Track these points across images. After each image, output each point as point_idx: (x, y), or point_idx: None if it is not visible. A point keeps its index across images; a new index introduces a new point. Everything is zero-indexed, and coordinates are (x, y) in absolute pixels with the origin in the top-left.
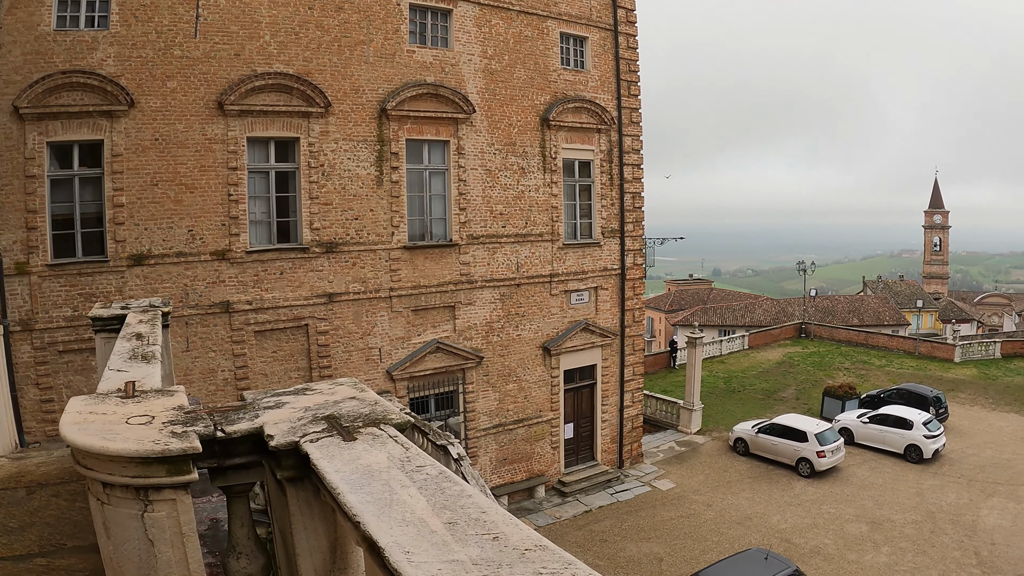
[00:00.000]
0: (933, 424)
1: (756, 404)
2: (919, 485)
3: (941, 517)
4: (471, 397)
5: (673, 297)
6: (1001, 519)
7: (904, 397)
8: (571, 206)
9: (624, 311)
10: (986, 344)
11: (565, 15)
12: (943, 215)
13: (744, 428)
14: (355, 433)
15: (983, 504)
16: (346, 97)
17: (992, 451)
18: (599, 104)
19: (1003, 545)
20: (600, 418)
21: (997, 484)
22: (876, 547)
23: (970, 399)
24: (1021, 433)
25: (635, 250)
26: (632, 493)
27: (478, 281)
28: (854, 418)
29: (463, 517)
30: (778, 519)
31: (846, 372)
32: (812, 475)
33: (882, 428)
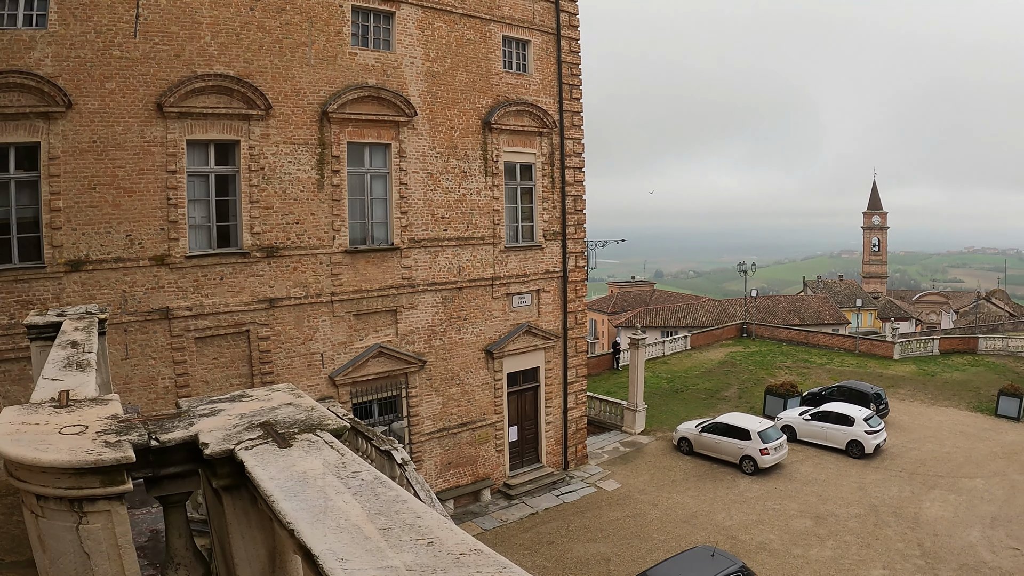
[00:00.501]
0: (874, 420)
1: (699, 404)
2: (861, 480)
3: (884, 510)
4: (415, 401)
5: (616, 299)
6: (943, 510)
7: (845, 394)
8: (513, 209)
9: (566, 313)
10: (925, 341)
11: (508, 18)
12: (881, 216)
13: (688, 427)
14: (291, 440)
15: (925, 496)
16: (287, 100)
17: (932, 445)
18: (541, 107)
19: (946, 536)
20: (544, 420)
21: (938, 477)
22: (821, 541)
23: (910, 395)
24: (960, 427)
25: (577, 252)
26: (578, 494)
27: (420, 285)
28: (796, 416)
29: (398, 522)
30: (723, 516)
31: (788, 371)
32: (756, 472)
33: (824, 425)
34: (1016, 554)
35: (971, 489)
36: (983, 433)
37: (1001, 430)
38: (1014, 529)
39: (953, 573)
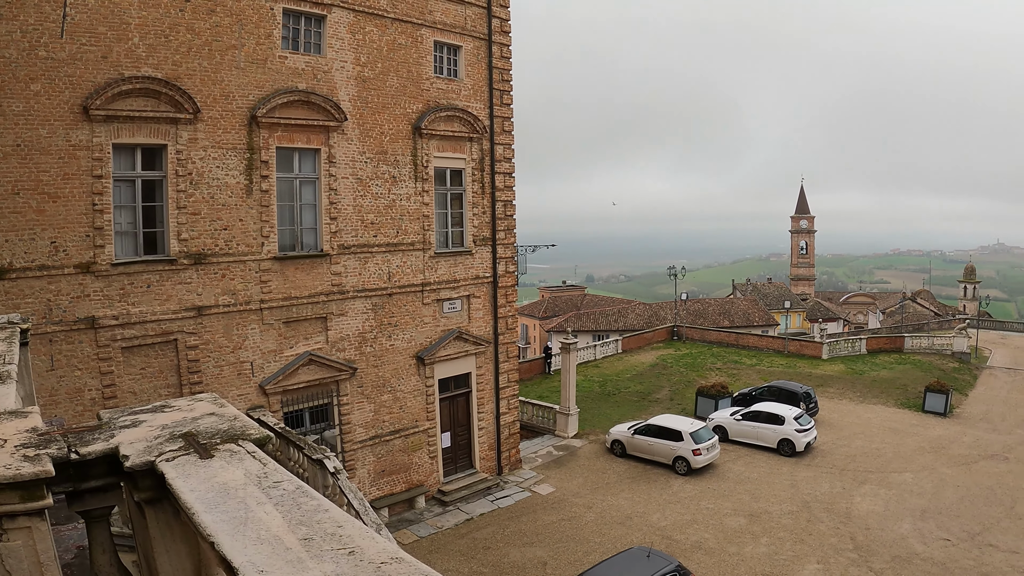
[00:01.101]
0: (804, 419)
1: (631, 406)
2: (793, 477)
3: (816, 506)
4: (346, 409)
5: (547, 304)
6: (874, 505)
7: (775, 394)
8: (443, 215)
9: (497, 319)
10: (852, 341)
11: (440, 23)
12: (809, 220)
13: (620, 430)
14: (212, 450)
15: (856, 492)
16: (216, 103)
17: (862, 441)
18: (471, 113)
19: (877, 529)
20: (477, 426)
21: (868, 472)
22: (755, 538)
23: (839, 393)
24: (889, 423)
25: (507, 258)
26: (513, 499)
27: (350, 291)
28: (727, 416)
29: (319, 532)
30: (658, 517)
31: (718, 372)
32: (689, 473)
33: (755, 424)
34: (947, 544)
35: (901, 483)
36: (911, 429)
37: (928, 425)
38: (944, 520)
39: (886, 565)
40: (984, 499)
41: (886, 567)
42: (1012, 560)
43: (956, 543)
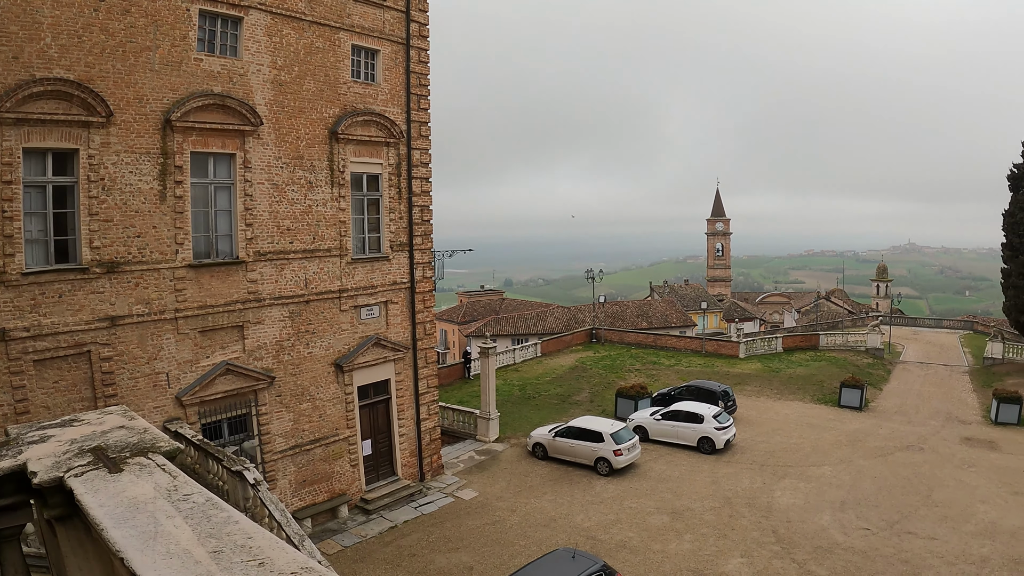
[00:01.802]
0: (723, 416)
1: (552, 409)
2: (714, 474)
3: (738, 502)
4: (265, 419)
5: (465, 308)
6: (794, 498)
7: (694, 393)
8: (359, 220)
9: (415, 324)
10: (768, 340)
11: (358, 27)
12: (724, 222)
13: (542, 433)
14: (122, 464)
15: (776, 486)
16: (129, 106)
17: (780, 437)
18: (389, 118)
19: (798, 522)
20: (398, 432)
21: (787, 467)
22: (679, 535)
23: (756, 391)
24: (806, 419)
25: (424, 263)
26: (436, 505)
27: (266, 299)
28: (647, 416)
29: (229, 544)
30: (582, 518)
31: (637, 373)
32: (611, 473)
33: (675, 424)
34: (867, 534)
35: (819, 476)
36: (828, 423)
37: (845, 419)
38: (863, 511)
39: (808, 556)
40: (901, 489)
41: (808, 558)
42: (931, 546)
43: (876, 532)
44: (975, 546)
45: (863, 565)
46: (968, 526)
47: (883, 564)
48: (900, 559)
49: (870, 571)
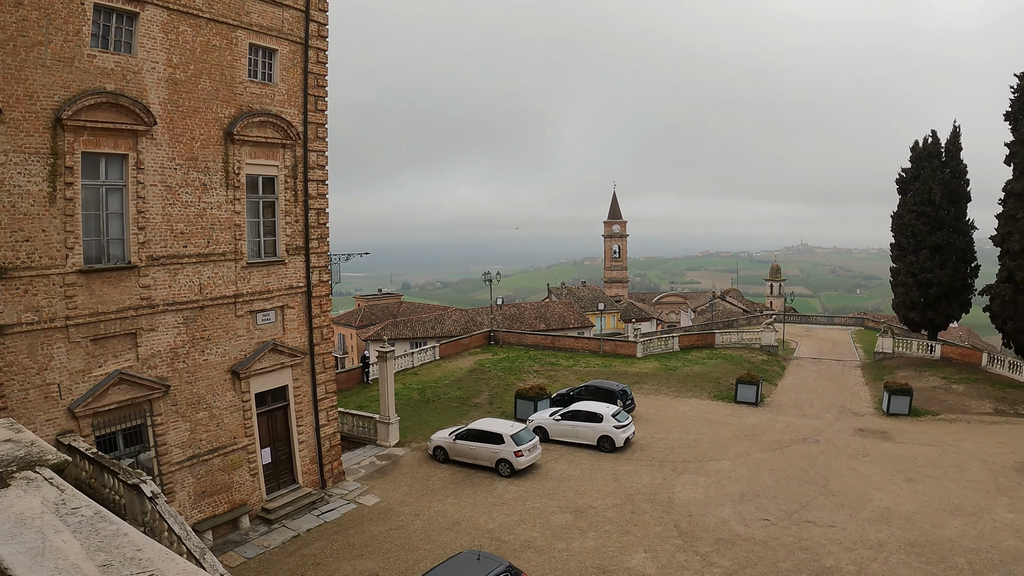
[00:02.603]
0: (622, 415)
1: (452, 412)
2: (615, 472)
3: (639, 498)
4: (161, 430)
5: (363, 312)
6: (694, 493)
7: (593, 393)
8: (255, 224)
9: (312, 329)
10: (666, 339)
11: (256, 26)
12: (621, 225)
13: (442, 436)
14: (8, 479)
15: (676, 481)
16: (19, 104)
17: (679, 434)
18: (285, 119)
19: (699, 515)
20: (297, 439)
21: (687, 462)
22: (583, 534)
23: (654, 389)
24: (704, 415)
25: (320, 267)
26: (339, 512)
27: (160, 305)
28: (547, 417)
29: (118, 557)
30: (486, 520)
31: (536, 374)
32: (513, 474)
33: (575, 423)
34: (767, 524)
35: (719, 471)
36: (725, 419)
37: (741, 415)
38: (762, 502)
39: (711, 548)
40: (799, 480)
41: (711, 550)
42: (829, 534)
43: (776, 522)
44: (872, 532)
45: (764, 554)
46: (864, 513)
47: (784, 553)
48: (800, 547)
49: (771, 560)
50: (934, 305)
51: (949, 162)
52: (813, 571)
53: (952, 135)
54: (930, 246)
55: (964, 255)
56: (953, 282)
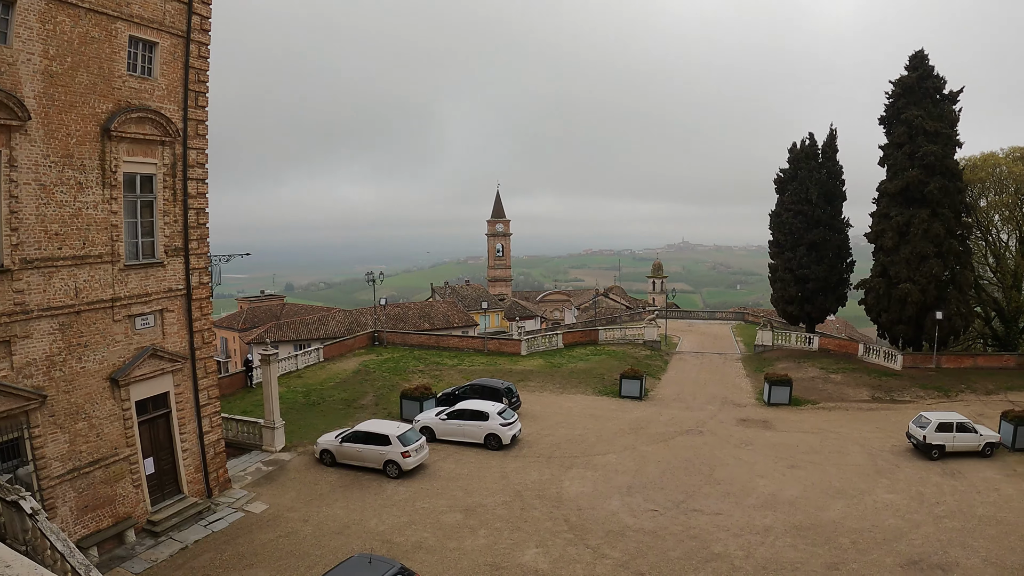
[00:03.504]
0: (507, 413)
1: (338, 414)
2: (503, 469)
3: (528, 495)
4: (39, 442)
5: (246, 315)
6: (582, 487)
7: (478, 391)
8: (133, 224)
9: (193, 333)
10: (550, 336)
11: (137, 17)
12: (505, 224)
13: (328, 439)
14: None
15: (564, 477)
16: None
17: (565, 430)
18: (165, 115)
19: (588, 509)
20: (180, 448)
21: (574, 457)
22: (474, 532)
23: (539, 386)
24: (589, 411)
25: (201, 268)
26: (226, 521)
27: (35, 310)
28: (433, 417)
29: None
30: (376, 522)
31: (421, 374)
32: (401, 475)
33: (461, 423)
34: (655, 514)
35: (605, 464)
36: (610, 414)
37: (626, 409)
38: (649, 494)
39: (601, 540)
40: (684, 470)
41: (602, 542)
42: (717, 521)
43: (663, 512)
44: (758, 517)
45: (654, 544)
46: (750, 500)
47: (673, 542)
48: (689, 535)
49: (661, 549)
50: (811, 299)
51: (826, 163)
52: (702, 558)
53: (829, 137)
54: (807, 243)
55: (840, 251)
56: (829, 277)
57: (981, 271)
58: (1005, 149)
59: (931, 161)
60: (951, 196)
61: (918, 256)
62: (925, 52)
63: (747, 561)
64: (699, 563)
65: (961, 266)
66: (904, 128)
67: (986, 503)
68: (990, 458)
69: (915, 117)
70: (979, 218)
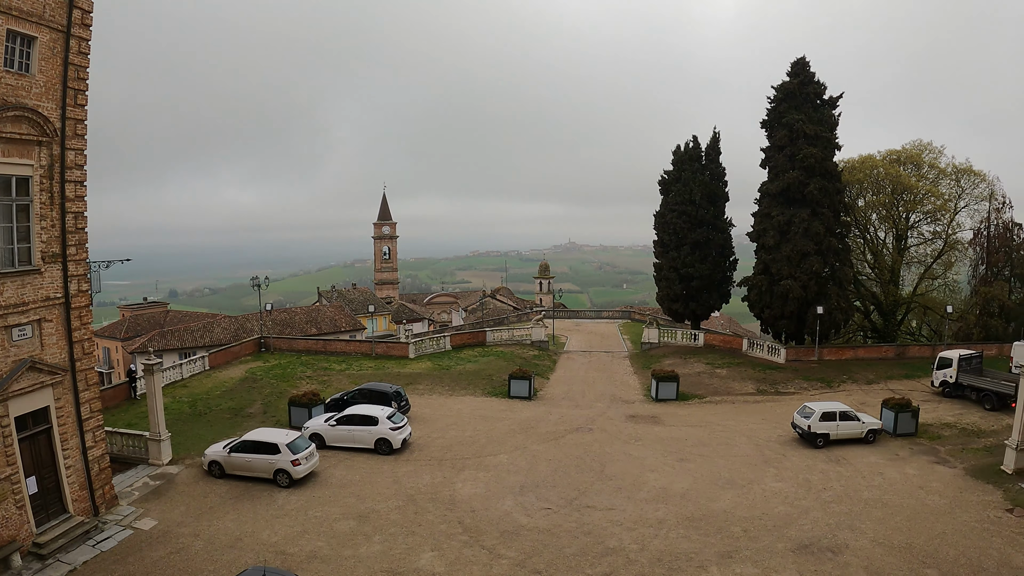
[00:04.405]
0: (397, 417)
1: (225, 424)
2: (395, 474)
3: (421, 498)
4: None
5: (128, 323)
6: (475, 488)
7: (367, 396)
8: (8, 229)
9: (73, 343)
10: (437, 339)
11: (16, 10)
12: (391, 226)
13: (217, 450)
14: None
15: (456, 479)
16: None
17: (455, 432)
18: (42, 114)
19: (482, 510)
20: (64, 465)
21: (465, 459)
22: (368, 539)
23: (428, 389)
24: (479, 412)
25: (79, 275)
26: (115, 540)
27: None
28: (323, 423)
29: None
30: (268, 533)
31: (309, 380)
32: (292, 484)
33: (350, 428)
34: (549, 512)
35: (497, 465)
36: (500, 414)
37: (516, 409)
38: (542, 492)
39: (496, 541)
40: (576, 468)
41: (497, 543)
42: (610, 516)
43: (557, 510)
44: (650, 511)
45: (549, 542)
46: (641, 494)
47: (568, 539)
48: (583, 531)
49: (556, 547)
50: (696, 296)
51: (709, 165)
52: (598, 553)
53: (712, 140)
54: (691, 242)
55: (723, 250)
56: (713, 275)
57: (860, 267)
58: (882, 152)
59: (811, 163)
60: (830, 196)
61: (799, 254)
62: (806, 59)
63: (642, 554)
64: (595, 558)
65: (840, 263)
66: (785, 131)
67: (871, 487)
68: (873, 444)
69: (796, 121)
70: (857, 217)
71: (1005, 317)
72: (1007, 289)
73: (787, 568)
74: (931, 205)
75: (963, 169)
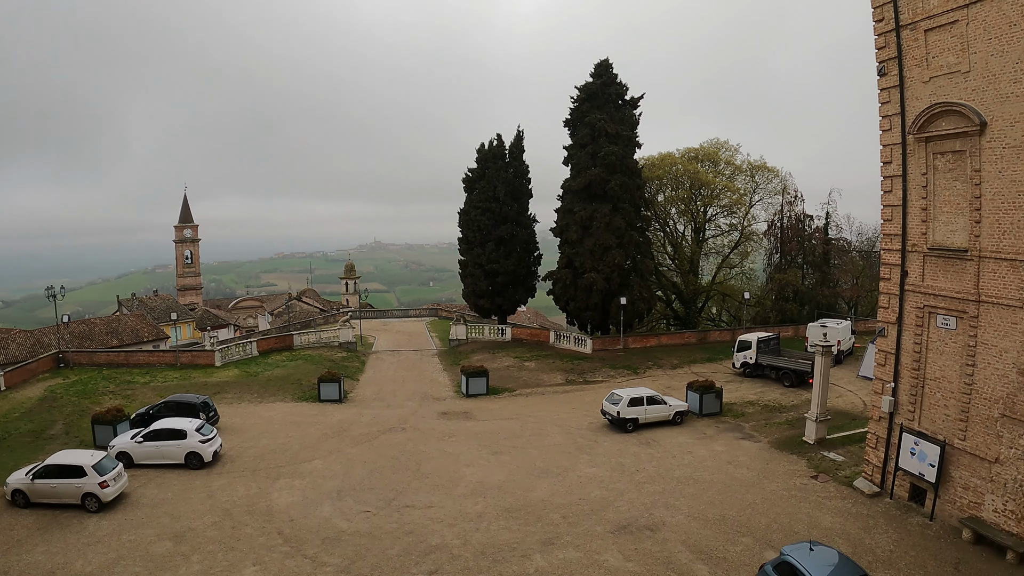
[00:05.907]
0: (206, 428)
1: (27, 448)
2: (209, 488)
3: (237, 512)
4: None
5: None
6: (292, 496)
7: (173, 409)
8: None
9: None
10: (244, 345)
11: None
12: (193, 229)
13: (19, 478)
14: None
15: (272, 488)
16: None
17: (268, 440)
18: None
19: (301, 518)
20: None
21: (279, 467)
22: (187, 559)
23: (237, 397)
24: (290, 418)
25: None
26: None
27: None
28: (129, 440)
29: None
30: (82, 564)
31: (112, 395)
32: (102, 508)
33: (158, 444)
34: (368, 515)
35: (312, 471)
36: (312, 419)
37: (327, 413)
38: (360, 495)
39: (318, 549)
40: (392, 468)
41: (319, 551)
42: (430, 513)
43: (376, 512)
44: (469, 505)
45: (372, 545)
46: (459, 489)
47: (390, 540)
48: (404, 531)
49: (379, 549)
50: (502, 292)
51: (513, 162)
52: (422, 551)
53: (516, 138)
54: (496, 239)
55: (528, 246)
56: (518, 270)
57: (661, 259)
58: (681, 150)
59: (612, 160)
60: (631, 192)
61: (601, 247)
62: (610, 61)
63: (465, 548)
64: (419, 557)
65: (642, 255)
66: (588, 130)
67: (682, 465)
68: (681, 425)
69: (598, 120)
70: (658, 211)
71: (799, 301)
72: (800, 275)
73: (608, 549)
74: (728, 199)
75: (758, 166)
